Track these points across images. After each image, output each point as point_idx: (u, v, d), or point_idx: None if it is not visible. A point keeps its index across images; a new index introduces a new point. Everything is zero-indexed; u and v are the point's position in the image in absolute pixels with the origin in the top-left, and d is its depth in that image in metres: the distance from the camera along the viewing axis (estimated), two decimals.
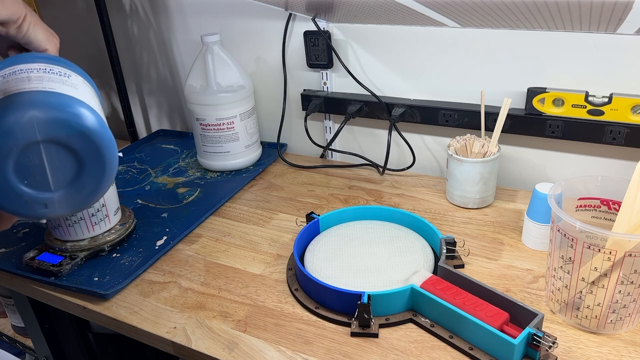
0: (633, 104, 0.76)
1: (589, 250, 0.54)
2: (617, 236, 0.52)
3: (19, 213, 0.44)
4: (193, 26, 1.12)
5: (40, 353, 0.94)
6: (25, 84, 0.42)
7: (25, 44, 0.50)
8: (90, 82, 0.51)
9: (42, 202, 0.44)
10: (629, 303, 0.56)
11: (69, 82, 0.46)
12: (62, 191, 0.44)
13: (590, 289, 0.56)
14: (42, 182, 0.43)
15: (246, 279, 0.72)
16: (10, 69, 0.45)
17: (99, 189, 0.45)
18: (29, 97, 0.41)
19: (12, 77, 0.43)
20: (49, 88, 0.43)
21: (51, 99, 0.42)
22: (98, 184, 0.45)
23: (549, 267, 0.61)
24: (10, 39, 0.48)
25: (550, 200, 0.58)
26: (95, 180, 0.45)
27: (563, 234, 0.56)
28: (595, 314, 0.57)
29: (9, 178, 0.42)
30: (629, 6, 0.58)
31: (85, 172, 0.44)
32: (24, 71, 0.44)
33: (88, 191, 0.45)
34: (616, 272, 0.54)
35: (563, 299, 0.60)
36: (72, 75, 0.48)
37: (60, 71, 0.47)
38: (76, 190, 0.44)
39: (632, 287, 0.54)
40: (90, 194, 0.45)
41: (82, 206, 0.46)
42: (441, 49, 0.89)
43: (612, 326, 0.58)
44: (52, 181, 0.43)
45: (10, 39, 0.48)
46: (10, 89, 0.42)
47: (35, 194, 0.43)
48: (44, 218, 0.46)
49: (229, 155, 1.00)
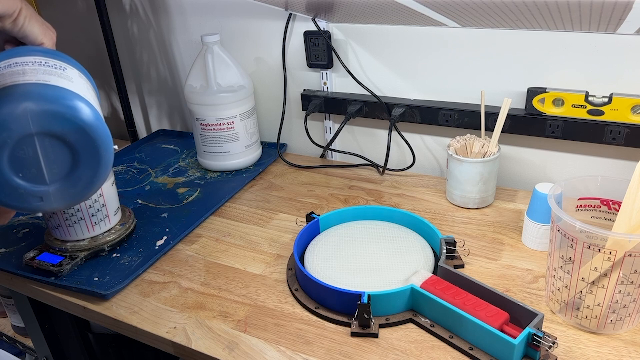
0: (633, 104, 0.76)
1: (589, 250, 0.54)
2: (617, 236, 0.52)
3: (15, 206, 0.43)
4: (193, 26, 1.12)
5: (40, 353, 0.94)
6: (19, 77, 0.42)
7: (21, 37, 0.49)
8: (87, 76, 0.51)
9: (37, 195, 0.43)
10: (629, 303, 0.56)
11: (64, 74, 0.45)
12: (58, 184, 0.44)
13: (590, 289, 0.56)
14: (37, 174, 0.43)
15: (246, 279, 0.72)
16: (6, 62, 0.44)
17: (95, 182, 0.45)
18: (23, 89, 0.41)
19: (7, 70, 0.43)
20: (44, 80, 0.42)
21: (46, 91, 0.42)
22: (93, 177, 0.45)
23: (549, 267, 0.61)
24: (6, 32, 0.48)
25: (550, 200, 0.58)
26: (90, 173, 0.44)
27: (563, 234, 0.56)
28: (595, 314, 0.57)
29: (4, 171, 0.41)
30: (629, 6, 0.58)
31: (80, 165, 0.43)
32: (19, 64, 0.44)
33: (83, 184, 0.45)
34: (616, 272, 0.54)
35: (563, 299, 0.60)
36: (68, 68, 0.47)
37: (55, 64, 0.46)
38: (71, 183, 0.44)
39: (632, 287, 0.54)
40: (85, 187, 0.45)
41: (78, 199, 0.46)
42: (441, 49, 0.89)
43: (612, 326, 0.58)
44: (47, 174, 0.43)
45: (6, 32, 0.48)
46: (5, 81, 0.41)
47: (30, 187, 0.43)
48: (40, 211, 0.46)
49: (229, 155, 1.00)
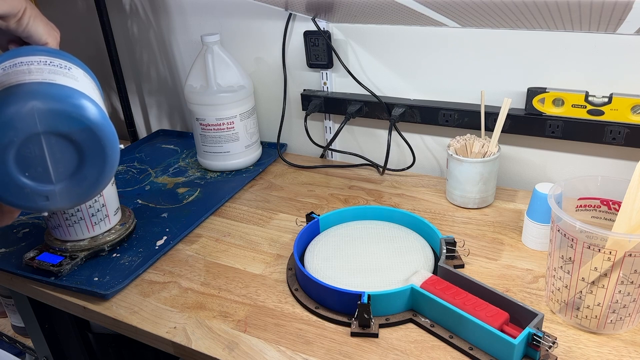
0: (633, 104, 0.76)
1: (589, 250, 0.54)
2: (617, 236, 0.52)
3: (20, 205, 0.43)
4: (193, 26, 1.12)
5: (40, 353, 0.94)
6: (25, 76, 0.42)
7: (26, 37, 0.49)
8: (91, 75, 0.51)
9: (43, 194, 0.43)
10: (629, 303, 0.56)
11: (70, 74, 0.45)
12: (63, 183, 0.44)
13: (590, 289, 0.56)
14: (43, 174, 0.43)
15: (246, 279, 0.72)
16: (11, 61, 0.44)
17: (100, 182, 0.45)
18: (30, 88, 0.41)
19: (12, 69, 0.43)
20: (50, 80, 0.42)
21: (52, 90, 0.42)
22: (99, 176, 0.44)
23: (549, 267, 0.61)
24: (11, 32, 0.48)
25: (550, 200, 0.58)
26: (96, 173, 0.44)
27: (563, 234, 0.56)
28: (595, 314, 0.57)
29: (10, 170, 0.41)
30: (629, 6, 0.58)
31: (86, 164, 0.43)
32: (24, 64, 0.44)
33: (89, 184, 0.45)
34: (616, 272, 0.54)
35: (563, 299, 0.60)
36: (73, 67, 0.47)
37: (61, 64, 0.46)
38: (77, 182, 0.44)
39: (632, 287, 0.54)
40: (91, 187, 0.45)
41: (84, 199, 0.46)
42: (441, 49, 0.89)
43: (612, 326, 0.58)
44: (53, 173, 0.43)
45: (11, 32, 0.48)
46: (10, 81, 0.41)
47: (36, 186, 0.43)
48: (46, 211, 0.46)
49: (229, 155, 1.00)
